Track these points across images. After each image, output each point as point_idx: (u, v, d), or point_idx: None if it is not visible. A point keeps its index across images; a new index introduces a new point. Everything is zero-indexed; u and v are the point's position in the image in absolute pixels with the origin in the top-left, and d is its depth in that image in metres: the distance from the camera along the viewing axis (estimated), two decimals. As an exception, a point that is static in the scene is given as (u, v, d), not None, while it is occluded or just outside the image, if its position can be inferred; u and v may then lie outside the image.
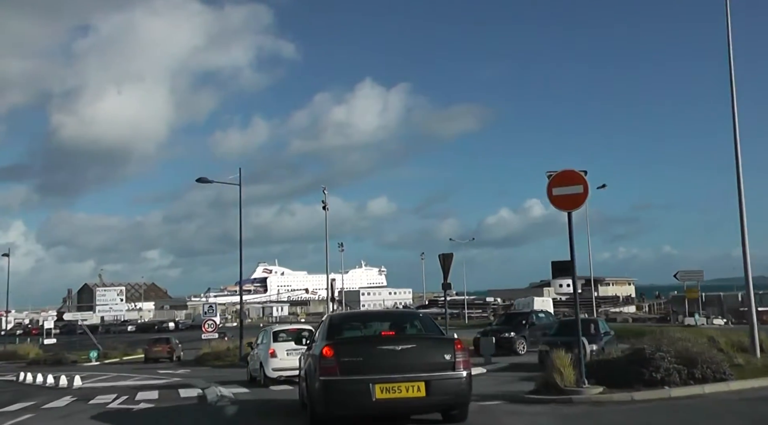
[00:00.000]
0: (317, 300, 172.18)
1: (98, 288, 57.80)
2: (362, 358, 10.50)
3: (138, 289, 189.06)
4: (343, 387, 10.36)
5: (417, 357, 10.57)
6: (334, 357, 10.48)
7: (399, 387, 10.28)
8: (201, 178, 38.25)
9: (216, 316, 46.38)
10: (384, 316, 14.53)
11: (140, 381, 29.52)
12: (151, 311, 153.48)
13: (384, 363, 10.44)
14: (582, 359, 14.13)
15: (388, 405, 10.37)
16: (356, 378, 10.33)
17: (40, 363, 51.43)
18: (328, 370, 10.45)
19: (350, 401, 10.37)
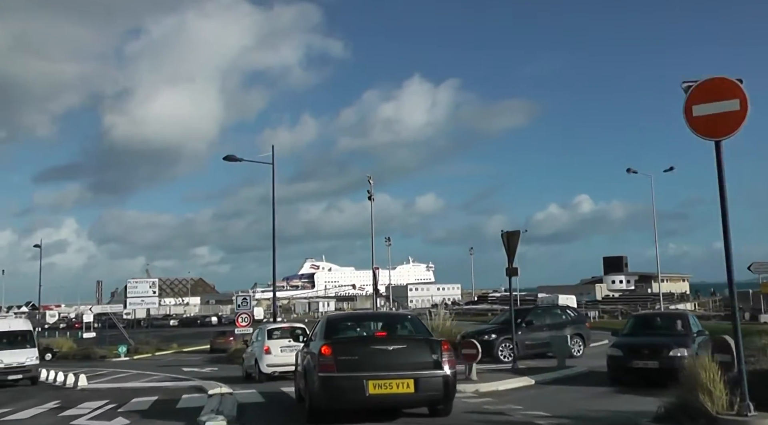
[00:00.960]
0: (364, 296, 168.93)
1: (130, 280, 53.28)
2: (357, 357, 11.15)
3: (185, 284, 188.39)
4: (339, 383, 10.99)
5: (407, 357, 11.26)
6: (332, 356, 11.14)
7: (390, 384, 10.97)
8: (229, 156, 34.05)
9: (250, 309, 42.07)
10: (377, 318, 15.61)
11: (151, 382, 26.12)
12: (197, 306, 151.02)
13: (377, 362, 11.09)
14: (744, 374, 9.10)
15: (381, 400, 11.10)
16: (352, 375, 10.95)
17: (69, 357, 49.51)
18: (326, 367, 11.09)
19: (346, 396, 11.02)
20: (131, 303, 53.25)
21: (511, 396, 15.60)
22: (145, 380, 27.25)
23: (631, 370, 16.62)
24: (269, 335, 23.39)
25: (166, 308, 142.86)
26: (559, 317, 27.10)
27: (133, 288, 53.09)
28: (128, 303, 53.22)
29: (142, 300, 53.30)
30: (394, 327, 13.18)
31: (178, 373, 30.24)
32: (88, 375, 31.23)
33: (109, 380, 28.89)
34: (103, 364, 42.93)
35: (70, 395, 21.81)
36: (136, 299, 52.86)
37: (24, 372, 27.80)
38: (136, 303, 53.42)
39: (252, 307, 43.91)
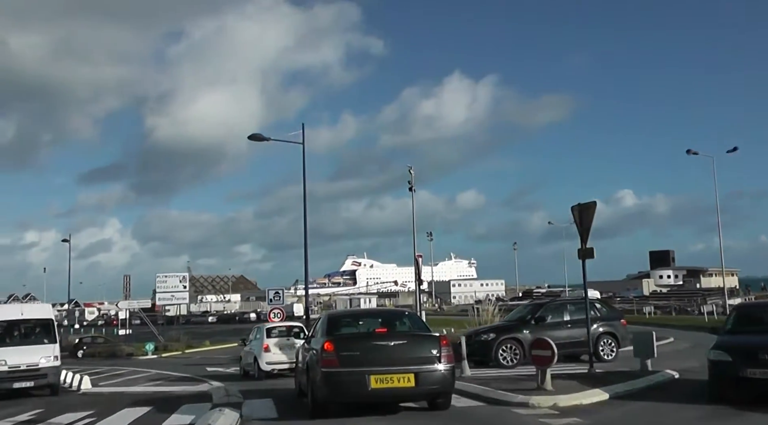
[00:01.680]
0: (406, 292, 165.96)
1: (159, 274, 50.19)
2: (359, 352, 11.26)
3: (227, 282, 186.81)
4: (342, 378, 11.08)
5: (407, 352, 11.40)
6: (335, 351, 11.24)
7: (391, 378, 11.08)
8: (254, 134, 30.41)
9: (283, 304, 38.64)
10: (376, 314, 16.08)
11: (160, 385, 22.89)
12: (237, 302, 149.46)
13: (378, 357, 11.20)
14: None
15: (382, 394, 11.21)
16: (354, 369, 11.05)
17: (95, 355, 47.50)
18: (329, 362, 11.18)
19: (348, 390, 11.12)
20: (161, 298, 50.24)
21: (603, 414, 11.80)
22: (155, 383, 24.21)
23: (745, 382, 11.78)
24: (268, 333, 23.55)
25: (207, 305, 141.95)
26: (581, 312, 21.38)
27: (162, 283, 50.00)
28: (158, 298, 50.22)
29: (172, 295, 50.25)
30: (393, 323, 13.18)
31: (201, 373, 27.30)
32: (101, 375, 29.31)
33: (118, 382, 25.89)
34: (128, 363, 40.62)
35: (57, 402, 18.44)
36: (166, 294, 49.83)
37: (37, 378, 20.21)
38: (166, 298, 50.37)
39: (284, 301, 40.49)
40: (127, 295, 52.55)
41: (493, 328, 22.67)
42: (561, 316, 22.28)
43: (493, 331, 21.81)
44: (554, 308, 22.95)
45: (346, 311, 22.88)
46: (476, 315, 32.06)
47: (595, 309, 22.92)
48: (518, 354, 20.59)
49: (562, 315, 22.37)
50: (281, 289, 39.86)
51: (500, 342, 20.87)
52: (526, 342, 19.48)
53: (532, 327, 21.20)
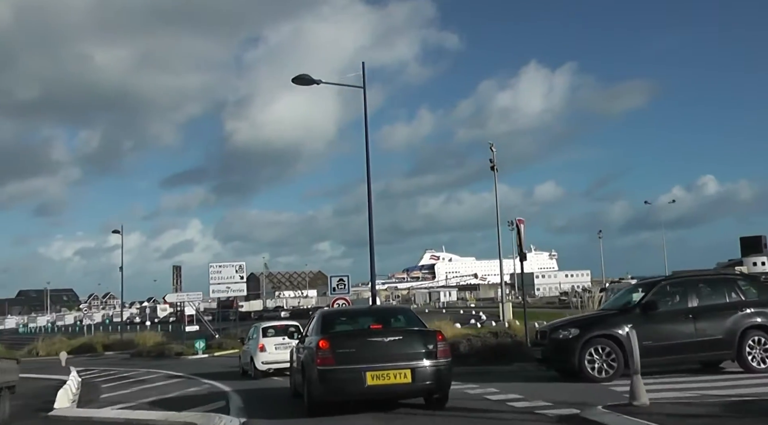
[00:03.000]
0: (487, 286, 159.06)
1: (213, 264, 43.66)
2: (355, 349, 11.00)
3: (304, 278, 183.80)
4: (338, 375, 10.82)
5: (403, 348, 11.06)
6: (330, 349, 10.96)
7: (388, 375, 10.81)
8: (301, 76, 23.22)
9: (347, 292, 31.62)
10: (370, 312, 14.94)
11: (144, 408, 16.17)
12: (313, 298, 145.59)
13: (374, 353, 10.90)
14: None
15: (379, 391, 10.91)
16: (350, 366, 10.79)
17: (143, 354, 42.69)
18: (324, 360, 10.91)
19: (345, 387, 10.83)
20: (215, 290, 43.69)
21: None
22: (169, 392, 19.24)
23: None
24: (264, 333, 23.38)
25: (284, 301, 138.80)
26: (720, 295, 14.80)
27: (216, 273, 43.39)
28: (211, 290, 43.70)
29: (227, 286, 43.62)
30: (387, 320, 12.71)
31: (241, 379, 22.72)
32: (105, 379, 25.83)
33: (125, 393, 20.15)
34: (173, 363, 35.17)
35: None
36: (220, 285, 43.24)
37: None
38: (221, 290, 43.78)
39: (349, 290, 33.27)
40: (177, 288, 46.08)
41: (577, 321, 15.53)
42: (684, 302, 14.76)
43: (576, 326, 14.88)
44: (673, 291, 15.11)
45: (340, 309, 22.11)
46: (579, 304, 25.42)
47: (737, 290, 15.05)
48: (615, 360, 13.95)
49: (685, 300, 14.78)
50: (346, 276, 32.69)
51: (587, 342, 14.23)
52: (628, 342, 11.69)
53: (638, 319, 14.13)
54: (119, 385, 23.53)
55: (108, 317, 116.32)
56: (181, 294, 44.26)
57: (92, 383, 25.05)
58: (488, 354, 19.37)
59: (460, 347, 19.30)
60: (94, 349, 51.98)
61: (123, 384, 23.74)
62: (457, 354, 16.73)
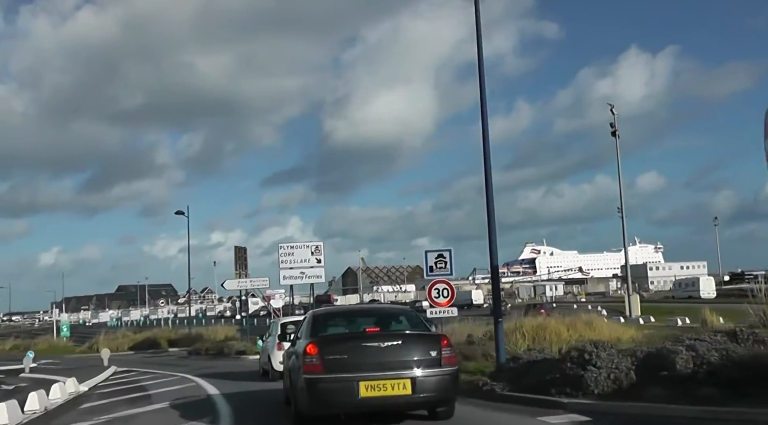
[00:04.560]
0: (595, 280, 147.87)
1: (283, 245, 34.92)
2: (347, 356, 9.66)
3: (402, 272, 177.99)
4: (327, 386, 9.48)
5: (402, 354, 9.71)
6: (318, 355, 9.63)
7: (384, 385, 9.45)
8: None
9: (450, 274, 22.46)
10: (369, 313, 13.82)
11: None
12: (412, 292, 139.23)
13: (369, 361, 9.57)
14: None
15: (374, 403, 9.58)
16: (341, 376, 9.47)
17: (202, 353, 37.71)
18: (311, 368, 9.60)
19: (335, 399, 9.52)
20: (286, 277, 34.70)
21: None
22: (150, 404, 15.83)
23: None
24: (283, 330, 21.04)
25: (381, 295, 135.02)
26: None
27: (287, 256, 34.50)
28: (281, 276, 34.76)
29: (302, 272, 34.62)
30: (387, 322, 11.41)
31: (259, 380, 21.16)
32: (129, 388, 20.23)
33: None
34: (226, 363, 31.22)
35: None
36: (293, 271, 34.30)
37: None
38: (294, 277, 34.77)
39: (452, 272, 23.82)
40: (240, 273, 37.67)
41: None
42: None
43: None
44: None
45: (334, 308, 20.09)
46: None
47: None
48: None
49: None
50: (448, 251, 23.28)
51: None
52: None
53: None
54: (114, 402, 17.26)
55: (202, 311, 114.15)
56: (243, 280, 35.73)
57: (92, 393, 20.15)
58: (736, 376, 9.54)
59: (675, 361, 9.68)
60: (158, 345, 46.26)
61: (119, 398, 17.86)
62: (672, 375, 10.32)
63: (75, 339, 55.19)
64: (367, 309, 17.39)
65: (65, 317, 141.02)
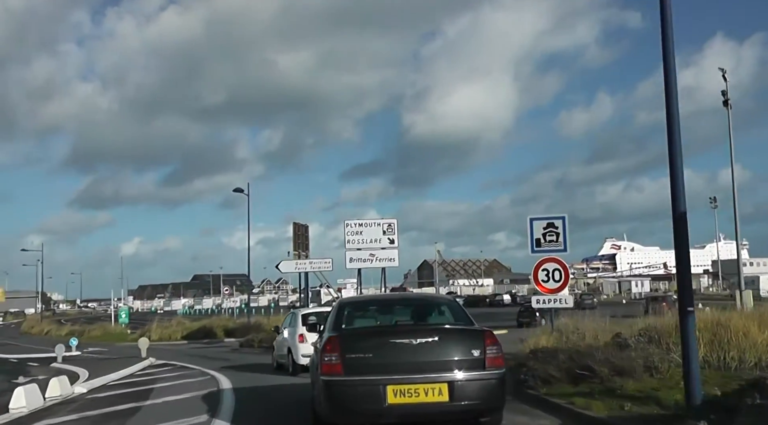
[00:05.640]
0: None
1: (350, 222, 29.10)
2: (372, 354, 7.99)
3: (479, 266, 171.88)
4: (348, 390, 7.86)
5: (438, 353, 7.96)
6: (338, 353, 7.98)
7: (417, 390, 7.77)
8: None
9: (563, 251, 16.73)
10: (405, 302, 11.14)
11: None
12: (489, 286, 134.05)
13: (398, 361, 7.90)
14: None
15: (404, 412, 7.80)
16: (364, 378, 7.80)
17: (254, 345, 32.15)
18: (330, 368, 7.97)
19: (357, 406, 7.81)
20: (353, 259, 29.09)
21: None
22: None
23: None
24: (303, 321, 17.71)
25: (458, 288, 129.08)
26: None
27: (354, 235, 28.86)
28: (348, 258, 29.11)
29: (371, 254, 28.92)
30: (425, 314, 9.62)
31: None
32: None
33: None
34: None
35: None
36: (361, 252, 28.65)
37: None
38: (362, 259, 29.11)
39: (567, 248, 17.70)
40: (300, 254, 31.83)
41: None
42: None
43: None
44: None
45: (364, 297, 15.95)
46: None
47: None
48: None
49: None
50: (561, 218, 17.27)
51: None
52: None
53: None
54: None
55: (275, 301, 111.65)
56: (302, 261, 30.10)
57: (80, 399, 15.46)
58: None
59: None
60: (213, 335, 41.68)
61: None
62: None
63: (133, 326, 51.23)
64: (403, 298, 14.41)
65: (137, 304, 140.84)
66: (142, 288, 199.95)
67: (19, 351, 39.61)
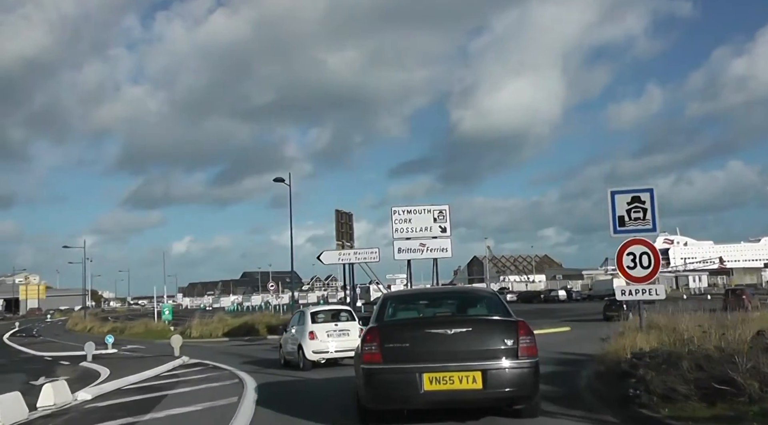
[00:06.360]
0: (741, 270, 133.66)
1: (397, 209, 25.99)
2: (409, 344, 8.29)
3: (530, 262, 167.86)
4: (386, 377, 8.20)
5: (473, 343, 8.21)
6: (378, 343, 8.39)
7: (451, 378, 8.00)
8: None
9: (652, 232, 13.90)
10: (447, 295, 11.57)
11: None
12: (542, 282, 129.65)
13: (434, 350, 8.15)
14: None
15: (439, 398, 8.11)
16: (401, 366, 8.13)
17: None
18: (370, 357, 8.39)
19: (395, 392, 8.19)
20: (402, 249, 26.17)
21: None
22: None
23: None
24: (313, 318, 19.49)
25: (509, 284, 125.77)
26: None
27: (402, 222, 25.98)
28: (396, 248, 26.23)
29: (423, 244, 25.97)
30: (465, 306, 9.76)
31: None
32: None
33: None
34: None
35: None
36: (410, 242, 25.73)
37: None
38: (411, 249, 26.18)
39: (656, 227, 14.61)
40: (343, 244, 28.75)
41: None
42: None
43: None
44: None
45: (408, 291, 17.05)
46: None
47: None
48: None
49: None
50: (649, 191, 14.19)
51: None
52: None
53: None
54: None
55: (324, 298, 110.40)
56: (345, 252, 27.18)
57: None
58: None
59: None
60: (256, 331, 39.29)
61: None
62: None
63: (176, 323, 49.25)
64: (445, 291, 14.98)
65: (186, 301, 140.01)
66: (192, 286, 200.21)
67: (56, 348, 37.86)
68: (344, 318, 19.87)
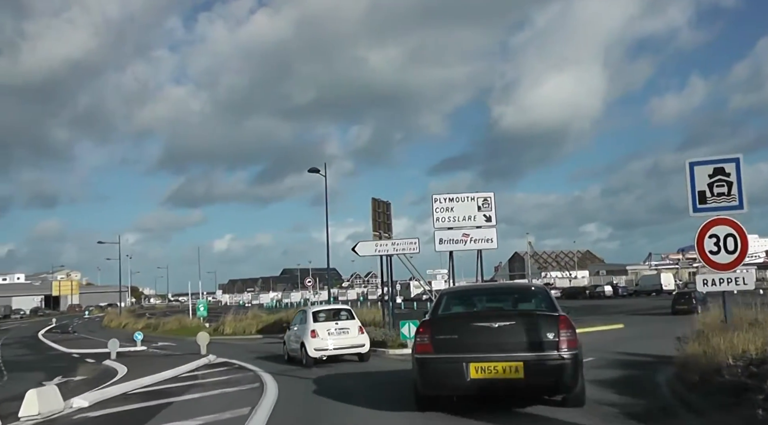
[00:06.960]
0: None
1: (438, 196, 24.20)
2: (457, 336, 8.93)
3: (572, 257, 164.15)
4: (437, 366, 8.88)
5: (515, 335, 8.68)
6: (429, 335, 9.10)
7: (495, 367, 8.52)
8: None
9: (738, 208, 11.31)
10: (497, 291, 12.56)
11: None
12: (584, 278, 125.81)
13: (480, 341, 8.73)
14: None
15: (484, 385, 8.65)
16: (450, 356, 8.75)
17: None
18: (423, 348, 9.10)
19: (444, 380, 8.85)
20: (443, 240, 24.06)
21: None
22: None
23: None
24: (315, 318, 20.25)
25: (551, 280, 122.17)
26: None
27: (444, 211, 24.04)
28: (438, 239, 24.14)
29: (466, 235, 23.85)
30: (514, 301, 10.33)
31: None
32: None
33: None
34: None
35: None
36: (452, 232, 23.65)
37: None
38: (454, 240, 24.04)
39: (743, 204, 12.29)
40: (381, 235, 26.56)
41: None
42: None
43: None
44: None
45: (464, 287, 16.95)
46: None
47: None
48: None
49: None
50: (734, 161, 11.91)
51: None
52: None
53: None
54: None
55: (363, 295, 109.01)
56: (383, 242, 24.74)
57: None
58: None
59: None
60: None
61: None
62: None
63: (212, 319, 47.80)
64: (496, 287, 15.33)
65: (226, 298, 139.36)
66: (233, 282, 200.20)
67: (87, 345, 36.59)
68: (344, 317, 20.57)
